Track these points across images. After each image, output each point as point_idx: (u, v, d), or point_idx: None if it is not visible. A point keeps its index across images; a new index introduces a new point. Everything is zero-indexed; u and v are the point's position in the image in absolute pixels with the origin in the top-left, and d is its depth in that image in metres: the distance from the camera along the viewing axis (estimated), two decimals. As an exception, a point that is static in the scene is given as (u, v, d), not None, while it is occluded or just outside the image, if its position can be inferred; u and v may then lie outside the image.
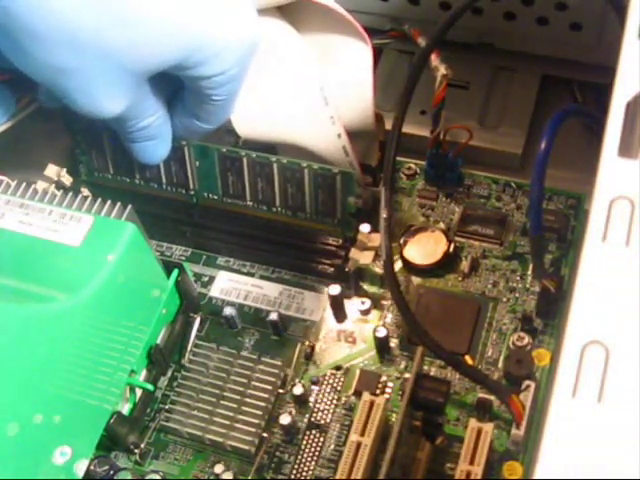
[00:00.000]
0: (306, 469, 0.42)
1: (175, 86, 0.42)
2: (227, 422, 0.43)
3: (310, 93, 0.43)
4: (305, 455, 0.43)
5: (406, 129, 0.46)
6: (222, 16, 0.38)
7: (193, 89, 0.41)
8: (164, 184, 0.49)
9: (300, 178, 0.45)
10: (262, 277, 0.49)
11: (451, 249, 0.48)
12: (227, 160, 0.46)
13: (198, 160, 0.47)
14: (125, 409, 0.44)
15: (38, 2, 0.34)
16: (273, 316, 0.46)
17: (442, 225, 0.49)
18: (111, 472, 0.42)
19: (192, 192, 0.49)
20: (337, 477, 0.38)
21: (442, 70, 0.45)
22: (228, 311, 0.46)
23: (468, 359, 0.44)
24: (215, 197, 0.49)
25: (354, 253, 0.46)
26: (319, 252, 0.48)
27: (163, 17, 0.36)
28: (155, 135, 0.43)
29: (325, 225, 0.47)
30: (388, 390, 0.44)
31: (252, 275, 0.50)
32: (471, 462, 0.38)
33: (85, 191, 0.51)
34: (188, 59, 0.38)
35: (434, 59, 0.45)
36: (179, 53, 0.37)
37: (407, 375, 0.44)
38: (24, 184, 0.43)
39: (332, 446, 0.43)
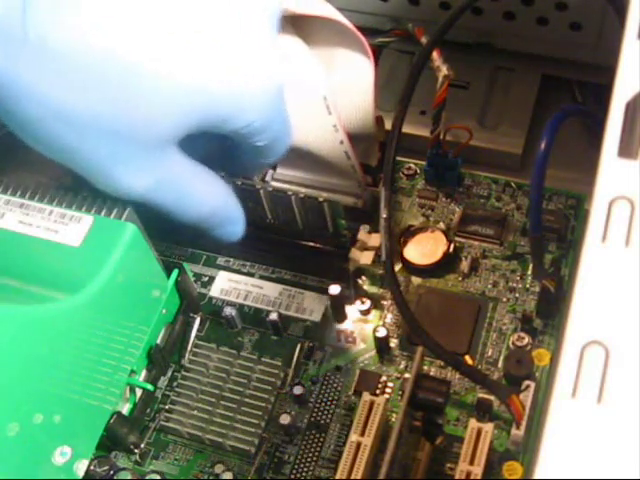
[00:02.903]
0: (306, 469, 0.42)
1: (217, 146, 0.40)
2: (227, 422, 0.43)
3: (314, 102, 0.44)
4: (305, 455, 0.43)
5: (406, 129, 0.46)
6: (237, 69, 0.35)
7: (232, 140, 0.38)
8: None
9: (288, 202, 0.45)
10: (262, 277, 0.49)
11: (451, 249, 0.48)
12: None
13: None
14: (125, 409, 0.44)
15: (26, 89, 0.32)
16: (273, 316, 0.46)
17: (442, 225, 0.49)
18: (111, 472, 0.42)
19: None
20: (337, 477, 0.38)
21: (444, 71, 0.45)
22: (228, 311, 0.46)
23: (468, 359, 0.44)
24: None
25: (354, 253, 0.46)
26: (319, 252, 0.48)
27: (171, 86, 0.33)
28: (220, 218, 0.40)
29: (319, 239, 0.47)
30: (388, 390, 0.44)
31: (252, 275, 0.50)
32: (471, 462, 0.38)
33: (85, 191, 0.51)
34: (210, 120, 0.35)
35: (436, 59, 0.45)
36: (197, 117, 0.34)
37: (407, 375, 0.44)
38: (24, 184, 0.43)
39: (332, 446, 0.43)
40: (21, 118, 0.33)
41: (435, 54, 0.45)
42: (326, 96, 0.43)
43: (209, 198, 0.39)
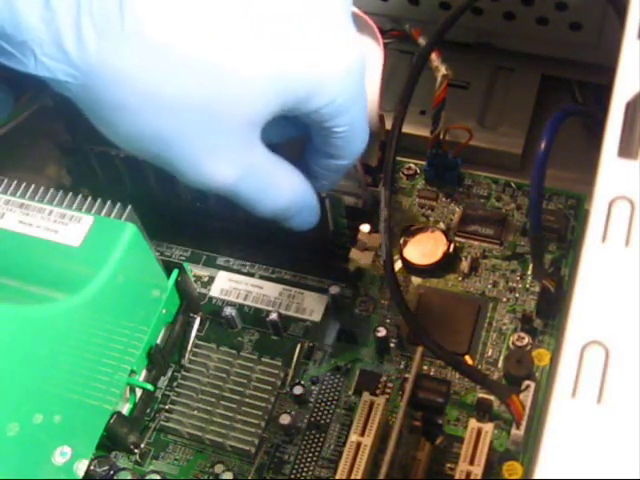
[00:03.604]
0: (306, 469, 0.42)
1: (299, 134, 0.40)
2: (227, 422, 0.43)
3: None
4: (305, 455, 0.43)
5: (406, 129, 0.46)
6: (317, 49, 0.35)
7: (313, 126, 0.38)
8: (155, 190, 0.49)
9: None
10: (262, 277, 0.49)
11: (451, 249, 0.48)
12: None
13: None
14: (125, 409, 0.44)
15: (115, 75, 0.32)
16: (273, 316, 0.46)
17: (442, 225, 0.49)
18: (111, 472, 0.42)
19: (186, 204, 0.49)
20: (337, 477, 0.38)
21: (443, 70, 0.45)
22: (228, 311, 0.46)
23: (468, 359, 0.44)
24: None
25: (354, 253, 0.46)
26: (319, 252, 0.48)
27: (255, 66, 0.33)
28: (301, 207, 0.40)
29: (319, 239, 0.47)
30: (388, 390, 0.44)
31: (252, 275, 0.50)
32: (471, 462, 0.38)
33: (85, 191, 0.51)
34: (292, 100, 0.35)
35: (435, 59, 0.45)
36: (280, 97, 0.35)
37: (407, 375, 0.44)
38: (24, 184, 0.43)
39: (332, 446, 0.43)
40: (116, 107, 0.34)
41: (434, 54, 0.45)
42: None
43: (290, 188, 0.39)
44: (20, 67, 0.33)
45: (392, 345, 0.46)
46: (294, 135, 0.41)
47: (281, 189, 0.39)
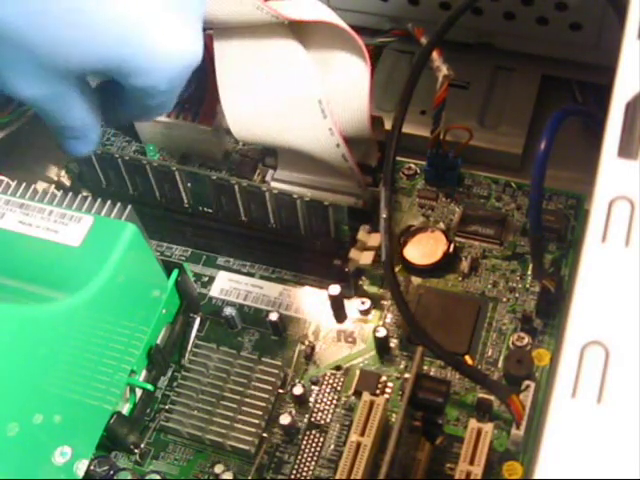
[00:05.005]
0: (306, 469, 0.42)
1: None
2: (227, 422, 0.43)
3: (309, 106, 0.44)
4: (305, 455, 0.43)
5: (406, 129, 0.46)
6: (161, 33, 0.36)
7: (125, 90, 0.39)
8: (157, 197, 0.49)
9: (293, 205, 0.45)
10: (262, 277, 0.49)
11: (451, 249, 0.48)
12: (218, 186, 0.47)
13: (190, 183, 0.47)
14: (125, 409, 0.44)
15: None
16: (273, 316, 0.46)
17: (442, 225, 0.49)
18: (111, 472, 0.42)
19: (186, 206, 0.49)
20: (337, 477, 0.38)
21: (444, 71, 0.45)
22: (228, 311, 0.46)
23: (468, 359, 0.44)
24: (210, 211, 0.49)
25: (354, 253, 0.46)
26: (319, 252, 0.48)
27: (92, 22, 0.34)
28: (79, 137, 0.41)
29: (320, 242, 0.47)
30: (388, 390, 0.44)
31: (252, 275, 0.50)
32: (471, 462, 0.38)
33: (85, 191, 0.51)
34: (114, 69, 0.36)
35: (436, 59, 0.45)
36: (104, 62, 0.36)
37: (407, 375, 0.44)
38: (24, 184, 0.43)
39: (332, 446, 0.43)
40: None
41: (435, 54, 0.45)
42: (321, 99, 0.43)
43: (77, 116, 0.40)
44: None
45: (392, 345, 0.46)
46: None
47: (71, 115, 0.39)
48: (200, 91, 0.51)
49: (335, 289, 0.46)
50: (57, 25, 0.34)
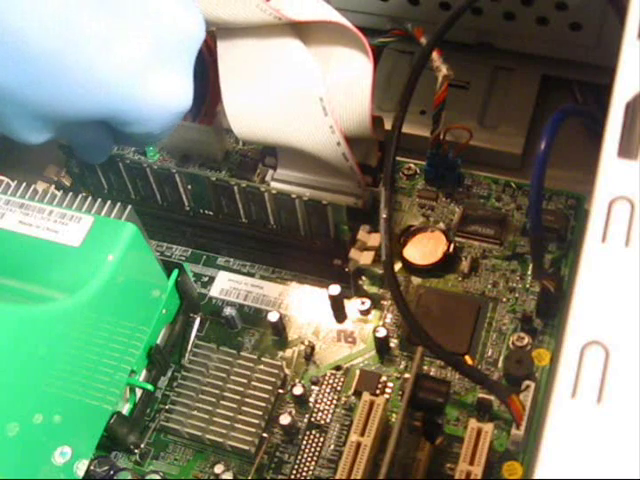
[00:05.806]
0: (306, 469, 0.42)
1: None
2: (227, 422, 0.43)
3: (310, 103, 0.44)
4: (305, 455, 0.43)
5: (406, 129, 0.46)
6: (155, 85, 0.36)
7: (119, 132, 0.39)
8: (159, 200, 0.49)
9: (292, 205, 0.45)
10: (262, 277, 0.49)
11: (451, 249, 0.48)
12: (218, 187, 0.47)
13: (190, 185, 0.47)
14: (125, 409, 0.44)
15: None
16: (273, 316, 0.46)
17: (442, 225, 0.49)
18: (111, 472, 0.42)
19: (187, 208, 0.49)
20: (337, 477, 0.38)
21: (444, 71, 0.45)
22: (228, 311, 0.46)
23: (468, 359, 0.44)
24: (210, 214, 0.49)
25: (354, 253, 0.46)
26: (319, 252, 0.48)
27: (86, 79, 0.34)
28: (94, 150, 0.41)
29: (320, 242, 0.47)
30: (388, 390, 0.44)
31: (252, 275, 0.50)
32: (471, 462, 0.38)
33: (85, 191, 0.51)
34: (109, 120, 0.36)
35: (436, 60, 0.45)
36: (100, 115, 0.36)
37: (407, 375, 0.44)
38: (24, 184, 0.43)
39: (332, 446, 0.43)
40: None
41: (435, 54, 0.45)
42: (322, 97, 0.43)
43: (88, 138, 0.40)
44: None
45: (392, 345, 0.46)
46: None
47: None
48: (201, 91, 0.51)
49: (335, 289, 0.46)
50: (52, 83, 0.34)
